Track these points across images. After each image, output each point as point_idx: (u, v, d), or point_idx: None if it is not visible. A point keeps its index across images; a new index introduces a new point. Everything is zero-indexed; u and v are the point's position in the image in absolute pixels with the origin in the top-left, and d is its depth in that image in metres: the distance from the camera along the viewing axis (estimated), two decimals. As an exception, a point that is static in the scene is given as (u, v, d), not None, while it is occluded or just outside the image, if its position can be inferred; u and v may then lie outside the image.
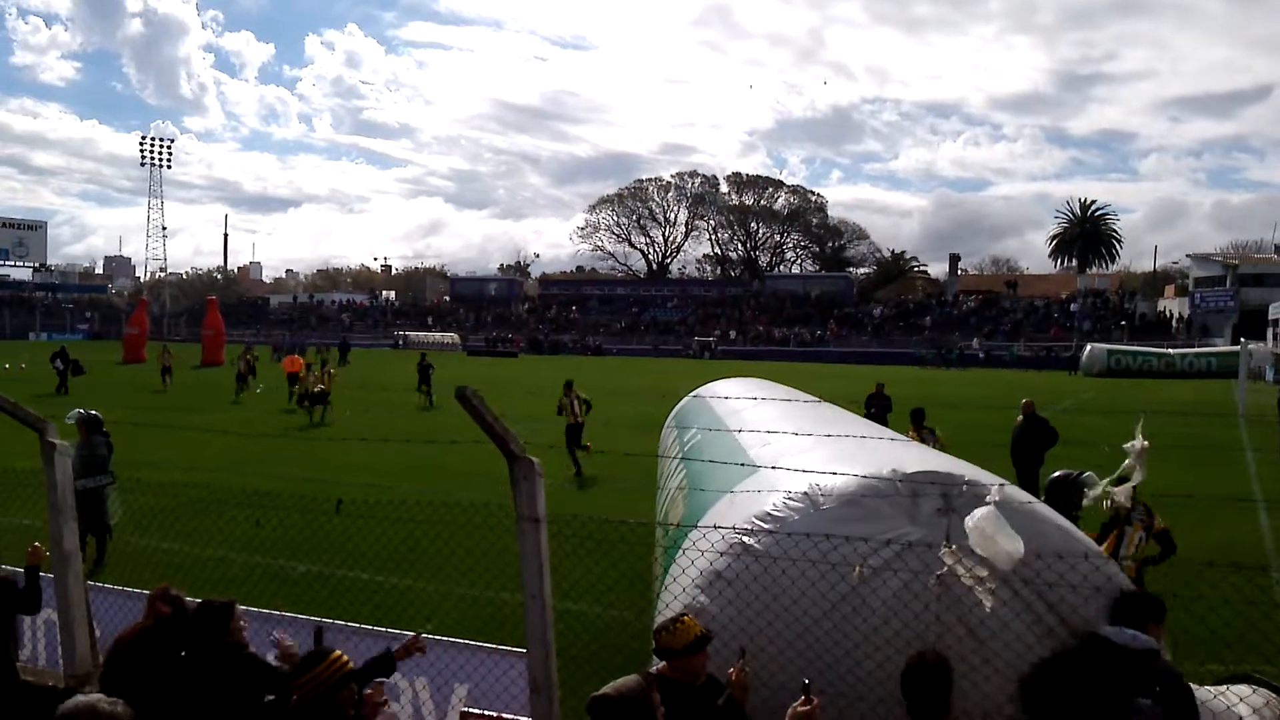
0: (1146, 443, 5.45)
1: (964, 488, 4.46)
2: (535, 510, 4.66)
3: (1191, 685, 4.16)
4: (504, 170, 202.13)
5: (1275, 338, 60.79)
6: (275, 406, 28.70)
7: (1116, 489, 5.47)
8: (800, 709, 3.73)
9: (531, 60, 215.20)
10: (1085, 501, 7.28)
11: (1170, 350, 60.11)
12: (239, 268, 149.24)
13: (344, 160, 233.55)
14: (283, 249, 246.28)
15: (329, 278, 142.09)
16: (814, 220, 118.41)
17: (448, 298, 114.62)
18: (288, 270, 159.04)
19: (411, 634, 5.09)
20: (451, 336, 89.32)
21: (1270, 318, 63.07)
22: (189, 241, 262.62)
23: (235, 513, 10.12)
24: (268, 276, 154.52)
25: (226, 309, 76.82)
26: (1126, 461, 5.83)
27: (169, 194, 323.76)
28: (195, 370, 42.71)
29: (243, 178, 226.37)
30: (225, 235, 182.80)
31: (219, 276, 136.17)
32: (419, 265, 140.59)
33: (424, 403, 29.88)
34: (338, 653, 4.09)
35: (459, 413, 4.33)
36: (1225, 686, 3.96)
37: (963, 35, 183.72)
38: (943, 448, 9.95)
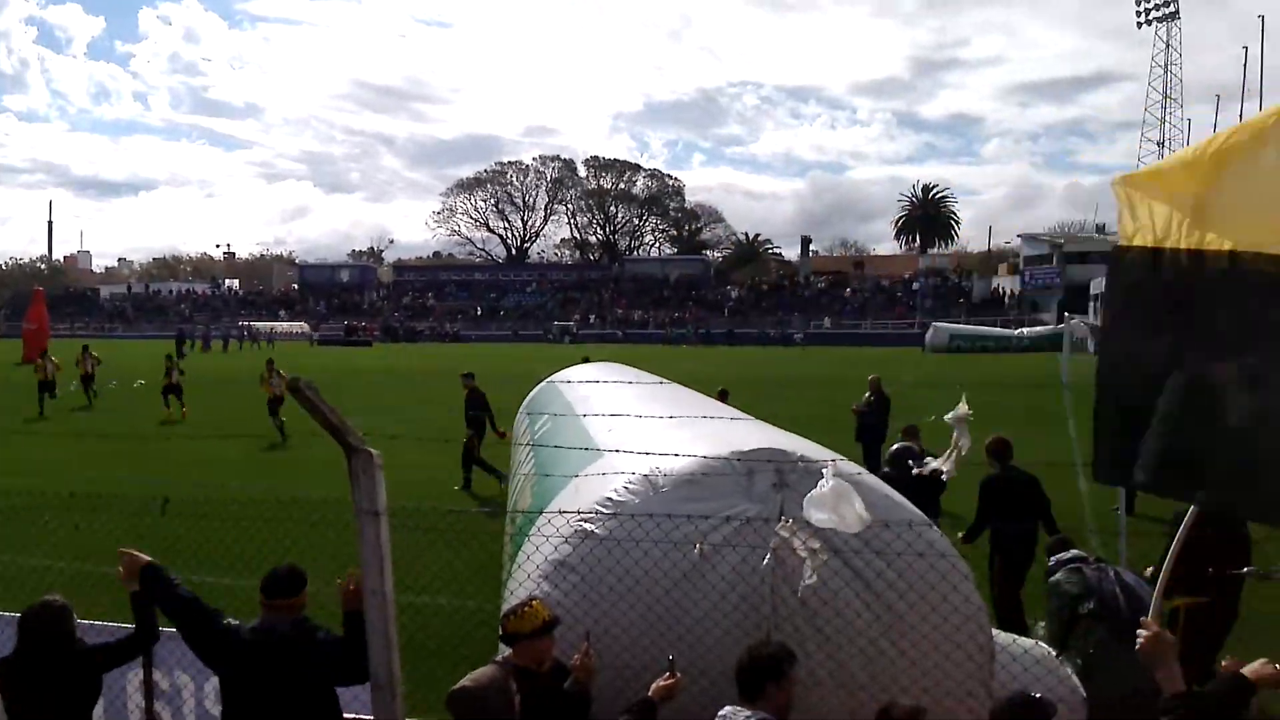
0: (970, 411, 5.74)
1: (798, 464, 4.57)
2: (375, 504, 4.50)
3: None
4: (358, 152, 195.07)
5: (1096, 312, 65.54)
6: (102, 405, 26.93)
7: (940, 461, 5.75)
8: (663, 683, 3.85)
9: (391, 37, 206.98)
10: (915, 472, 7.65)
11: (1008, 331, 63.83)
12: (65, 256, 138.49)
13: (184, 141, 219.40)
14: (125, 238, 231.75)
15: (167, 266, 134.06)
16: (672, 204, 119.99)
17: (295, 286, 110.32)
18: (120, 259, 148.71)
19: None
20: (300, 326, 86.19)
21: (1091, 293, 67.93)
22: (22, 230, 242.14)
23: (53, 517, 9.51)
24: (100, 266, 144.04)
25: (52, 301, 71.72)
26: (954, 434, 6.14)
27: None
28: (18, 367, 39.41)
29: (72, 160, 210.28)
30: (50, 222, 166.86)
31: (42, 266, 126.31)
32: (265, 253, 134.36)
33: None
34: None
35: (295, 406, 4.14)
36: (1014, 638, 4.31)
37: (826, 17, 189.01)
38: None
